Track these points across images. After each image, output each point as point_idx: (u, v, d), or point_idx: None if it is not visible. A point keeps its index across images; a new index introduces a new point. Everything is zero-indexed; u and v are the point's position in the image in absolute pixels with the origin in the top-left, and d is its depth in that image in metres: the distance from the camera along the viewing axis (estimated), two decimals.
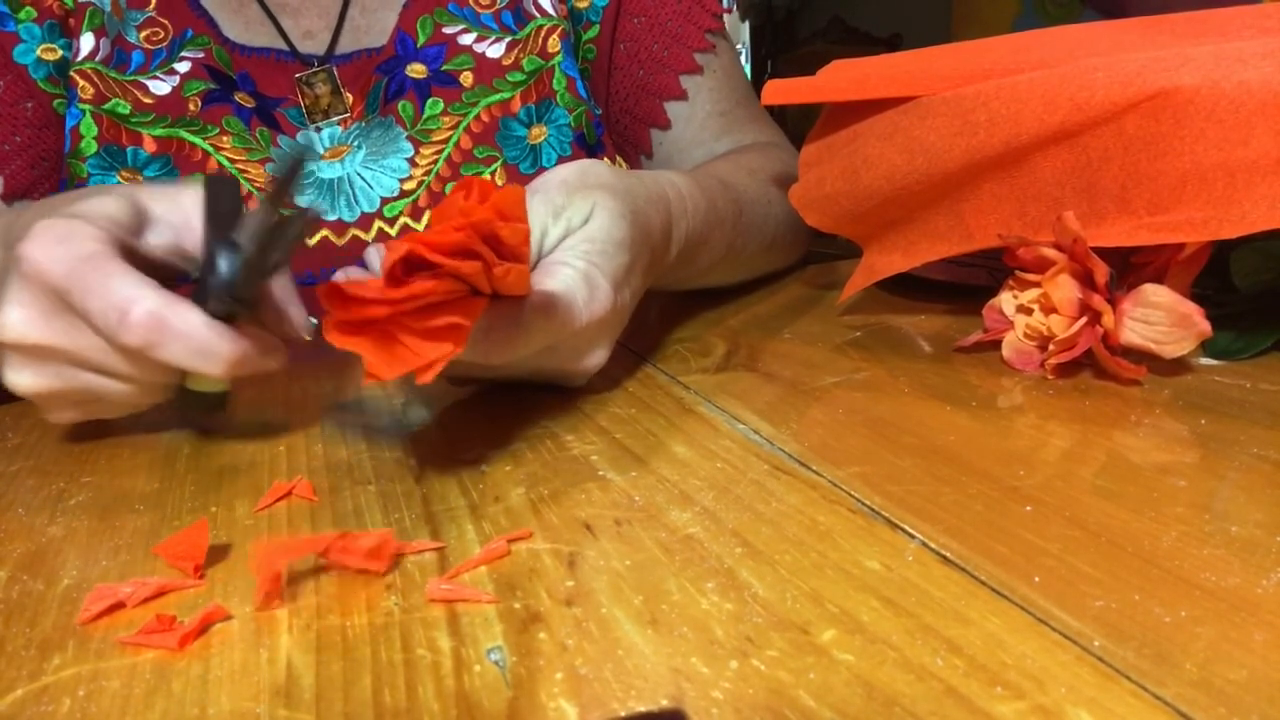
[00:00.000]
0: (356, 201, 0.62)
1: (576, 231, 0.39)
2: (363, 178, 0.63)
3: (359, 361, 0.31)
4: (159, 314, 0.34)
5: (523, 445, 0.37)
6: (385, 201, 0.63)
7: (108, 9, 0.60)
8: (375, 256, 0.42)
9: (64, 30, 0.59)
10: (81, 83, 0.59)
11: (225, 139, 0.60)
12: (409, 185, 0.63)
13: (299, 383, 0.48)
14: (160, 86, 0.60)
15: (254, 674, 0.24)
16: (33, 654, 0.26)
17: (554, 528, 0.30)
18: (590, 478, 0.34)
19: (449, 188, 0.63)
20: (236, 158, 0.60)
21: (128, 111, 0.59)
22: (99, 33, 0.59)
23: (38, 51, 0.59)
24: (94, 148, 0.59)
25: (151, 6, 0.61)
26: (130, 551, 0.31)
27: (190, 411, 0.40)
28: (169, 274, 0.38)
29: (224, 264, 0.35)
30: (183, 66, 0.60)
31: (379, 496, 0.34)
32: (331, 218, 0.62)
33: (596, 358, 0.41)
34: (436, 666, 0.24)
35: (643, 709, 0.22)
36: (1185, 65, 0.37)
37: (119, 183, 0.59)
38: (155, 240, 0.39)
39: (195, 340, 0.34)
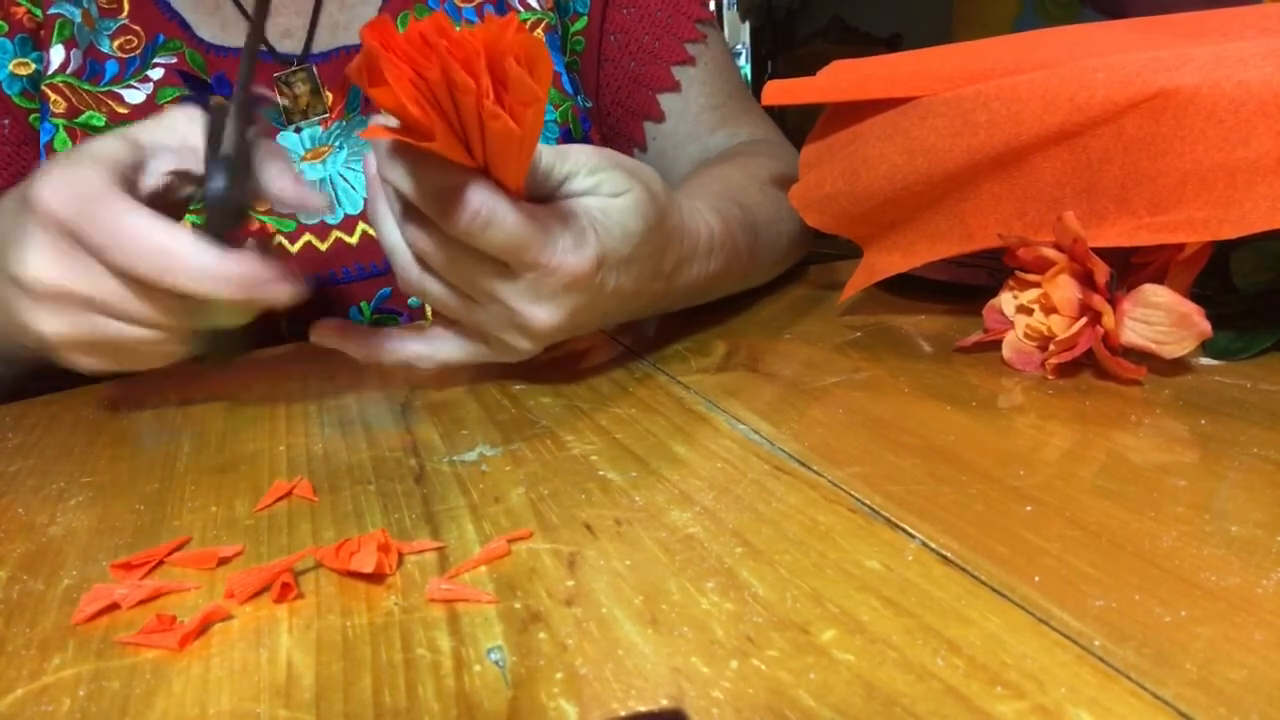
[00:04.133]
0: (339, 203, 0.61)
1: (599, 196, 0.39)
2: (345, 179, 0.61)
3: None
4: (165, 242, 0.35)
5: (523, 445, 0.37)
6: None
7: (78, 20, 0.59)
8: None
9: (35, 43, 0.58)
10: (53, 97, 0.58)
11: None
12: None
13: (299, 382, 0.48)
14: (135, 95, 0.59)
15: (254, 674, 0.24)
16: (33, 654, 0.26)
17: (554, 528, 0.30)
18: (590, 478, 0.34)
19: None
20: None
21: (102, 124, 0.58)
22: (69, 44, 0.58)
23: (10, 67, 0.58)
24: None
25: (124, 14, 0.60)
26: (130, 552, 0.31)
27: (213, 356, 0.41)
28: (174, 200, 0.40)
29: (217, 178, 0.37)
30: (156, 74, 0.59)
31: (379, 496, 0.34)
32: (314, 221, 0.61)
33: (550, 316, 0.39)
34: (436, 666, 0.24)
35: (643, 709, 0.22)
36: (1185, 65, 0.37)
37: None
38: (158, 167, 0.39)
39: (203, 262, 0.35)
